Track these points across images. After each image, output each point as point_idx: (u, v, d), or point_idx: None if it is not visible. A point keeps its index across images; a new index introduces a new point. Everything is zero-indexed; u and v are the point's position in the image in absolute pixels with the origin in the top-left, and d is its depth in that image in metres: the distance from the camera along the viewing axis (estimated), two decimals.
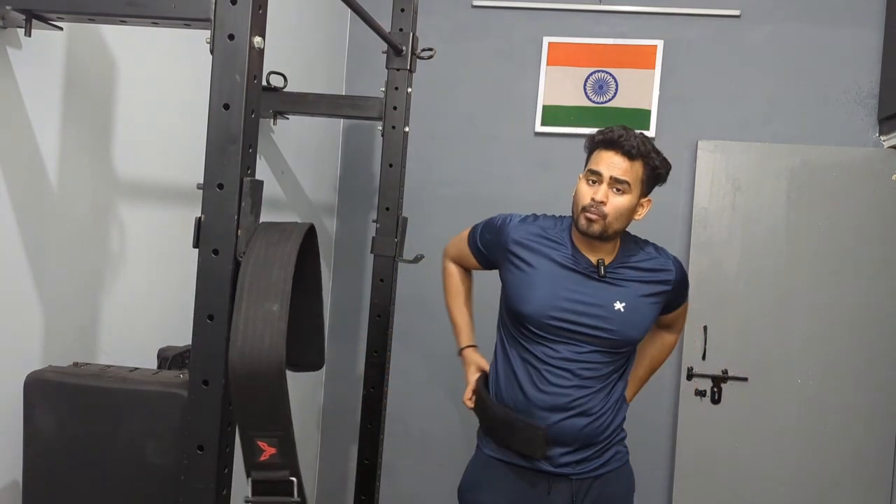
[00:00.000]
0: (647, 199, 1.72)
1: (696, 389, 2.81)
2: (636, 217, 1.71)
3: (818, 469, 2.75)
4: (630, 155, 1.64)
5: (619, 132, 1.65)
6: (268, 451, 0.95)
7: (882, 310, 2.72)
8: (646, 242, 1.81)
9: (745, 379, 2.78)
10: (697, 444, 2.81)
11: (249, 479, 0.98)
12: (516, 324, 1.74)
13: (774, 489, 2.77)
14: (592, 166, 1.67)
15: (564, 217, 1.81)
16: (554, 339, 1.68)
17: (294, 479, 0.97)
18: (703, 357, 2.80)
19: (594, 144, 1.71)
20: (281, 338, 0.93)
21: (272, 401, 0.93)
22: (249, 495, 0.98)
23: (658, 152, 1.69)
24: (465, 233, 1.95)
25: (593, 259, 1.71)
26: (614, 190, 1.65)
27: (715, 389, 2.80)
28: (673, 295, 1.79)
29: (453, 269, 2.01)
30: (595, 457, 1.72)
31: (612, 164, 1.65)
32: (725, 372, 2.79)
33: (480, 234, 1.88)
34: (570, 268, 1.71)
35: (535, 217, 1.81)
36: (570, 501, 1.72)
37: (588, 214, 1.65)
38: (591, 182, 1.67)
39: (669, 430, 2.88)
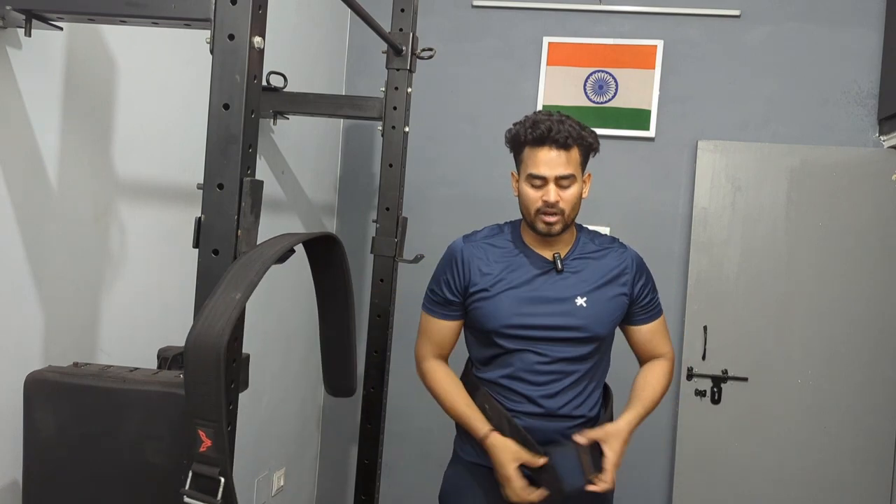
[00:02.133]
0: (587, 175, 1.69)
1: (696, 389, 2.81)
2: (584, 196, 1.68)
3: (818, 469, 2.75)
4: (566, 146, 1.59)
5: (545, 125, 1.58)
6: (205, 441, 0.92)
7: (882, 310, 2.72)
8: (601, 235, 1.77)
9: (745, 379, 2.78)
10: (697, 444, 2.81)
11: (190, 472, 0.94)
12: (489, 345, 1.70)
13: (774, 489, 2.77)
14: (533, 170, 1.61)
15: (508, 223, 1.77)
16: (524, 350, 1.65)
17: (222, 478, 0.92)
18: (703, 357, 2.80)
19: (521, 144, 1.64)
20: (229, 326, 0.90)
21: (209, 388, 0.91)
22: (186, 487, 0.94)
23: (584, 126, 1.63)
24: (421, 316, 1.81)
25: (549, 255, 1.68)
26: (562, 186, 1.61)
27: (715, 389, 2.80)
28: (635, 284, 1.72)
29: (435, 366, 1.78)
30: None
31: (551, 162, 1.59)
32: (725, 372, 2.79)
33: (434, 281, 1.77)
34: (525, 270, 1.68)
35: (477, 231, 1.78)
36: None
37: (546, 218, 1.62)
38: (535, 186, 1.62)
39: (669, 430, 2.88)
